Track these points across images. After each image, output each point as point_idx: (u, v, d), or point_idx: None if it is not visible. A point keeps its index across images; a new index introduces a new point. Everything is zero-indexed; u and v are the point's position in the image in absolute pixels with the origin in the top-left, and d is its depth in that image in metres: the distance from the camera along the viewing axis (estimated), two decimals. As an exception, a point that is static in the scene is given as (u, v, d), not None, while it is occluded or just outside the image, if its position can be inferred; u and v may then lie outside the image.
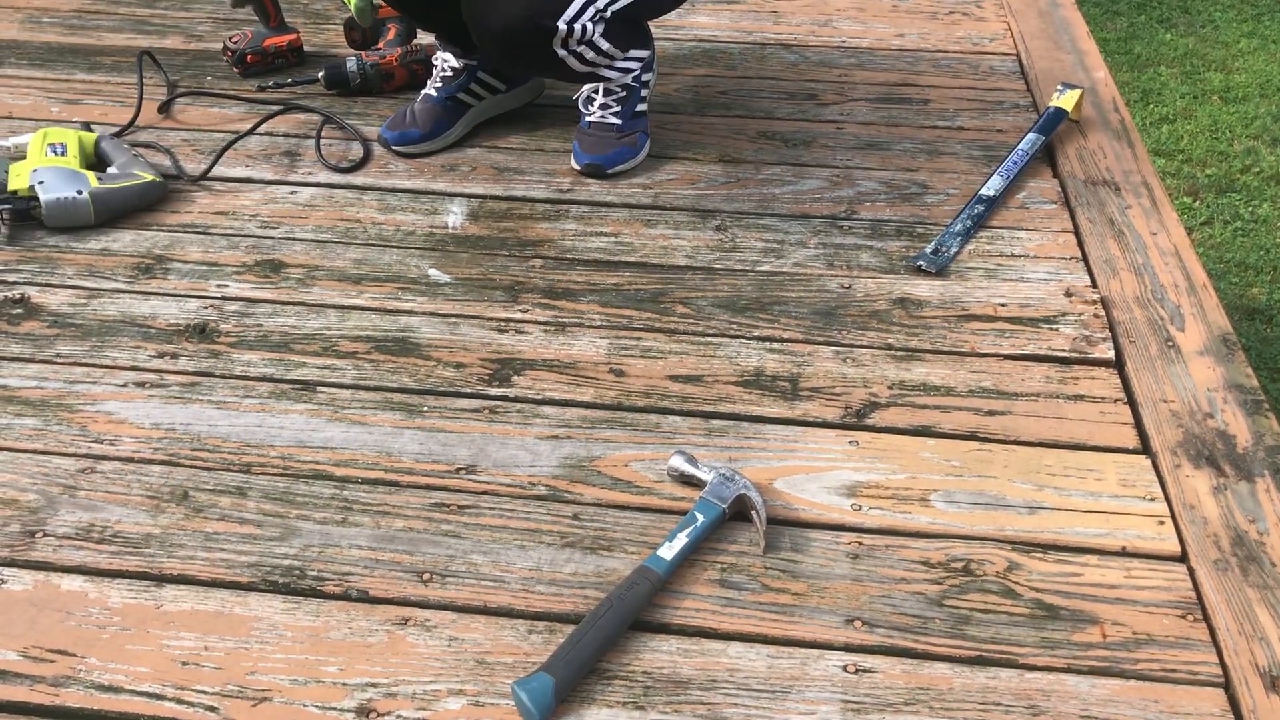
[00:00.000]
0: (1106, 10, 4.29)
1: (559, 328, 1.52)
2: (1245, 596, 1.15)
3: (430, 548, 1.21)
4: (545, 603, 1.15)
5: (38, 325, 1.52)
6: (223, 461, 1.31)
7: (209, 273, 1.62)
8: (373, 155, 1.90)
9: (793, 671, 1.08)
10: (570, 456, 1.32)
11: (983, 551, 1.21)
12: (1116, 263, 1.63)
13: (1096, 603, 1.15)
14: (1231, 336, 1.49)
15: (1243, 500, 1.26)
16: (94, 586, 1.16)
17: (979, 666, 1.09)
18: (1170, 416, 1.37)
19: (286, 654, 1.10)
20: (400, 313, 1.55)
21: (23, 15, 2.35)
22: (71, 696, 1.06)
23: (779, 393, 1.42)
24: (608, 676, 1.08)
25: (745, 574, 1.18)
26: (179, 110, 2.02)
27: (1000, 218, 1.74)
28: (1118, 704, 1.06)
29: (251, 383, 1.43)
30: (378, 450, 1.33)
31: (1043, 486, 1.29)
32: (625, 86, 1.85)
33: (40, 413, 1.38)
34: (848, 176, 1.85)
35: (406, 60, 2.06)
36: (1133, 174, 1.83)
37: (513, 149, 1.92)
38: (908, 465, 1.31)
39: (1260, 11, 4.27)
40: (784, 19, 2.38)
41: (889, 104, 2.06)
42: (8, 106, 2.03)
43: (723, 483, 1.23)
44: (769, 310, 1.55)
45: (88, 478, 1.29)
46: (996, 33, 2.32)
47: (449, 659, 1.09)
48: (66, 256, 1.65)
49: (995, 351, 1.48)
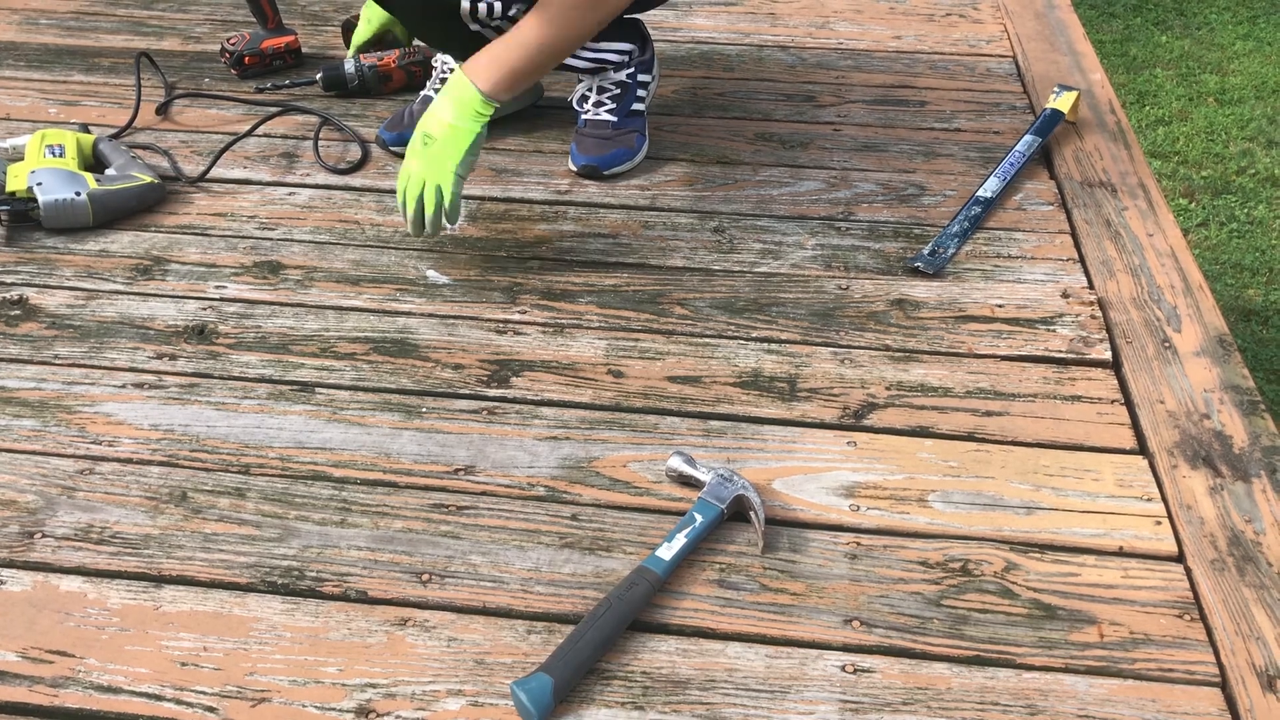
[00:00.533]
0: (1103, 12, 4.30)
1: (557, 329, 1.52)
2: (1242, 596, 1.15)
3: (429, 548, 1.21)
4: (544, 603, 1.15)
5: (36, 326, 1.52)
6: (221, 462, 1.31)
7: (207, 274, 1.62)
8: (371, 157, 1.90)
9: (791, 671, 1.09)
10: (569, 457, 1.33)
11: (980, 552, 1.21)
12: (1113, 264, 1.64)
13: (1094, 603, 1.16)
14: (1228, 337, 1.50)
15: (1239, 500, 1.26)
16: (93, 587, 1.16)
17: (977, 666, 1.10)
18: (1167, 417, 1.37)
19: (286, 655, 1.10)
20: (399, 314, 1.55)
21: (20, 17, 2.35)
22: (70, 697, 1.06)
23: (777, 394, 1.42)
24: (606, 676, 1.08)
25: (744, 574, 1.18)
26: (177, 112, 2.02)
27: (997, 219, 1.75)
28: (1115, 703, 1.06)
29: (250, 384, 1.43)
30: (376, 451, 1.33)
31: (1040, 487, 1.29)
32: (619, 84, 1.85)
33: (39, 414, 1.38)
34: (845, 178, 1.86)
35: (405, 62, 2.06)
36: (1129, 175, 1.84)
37: (510, 150, 1.92)
38: (905, 466, 1.32)
39: (1256, 14, 4.28)
40: (781, 21, 2.38)
41: (886, 106, 2.06)
42: (5, 108, 2.03)
43: (721, 483, 1.24)
44: (767, 311, 1.56)
45: (86, 479, 1.29)
46: (993, 35, 2.32)
47: (448, 659, 1.10)
48: (64, 258, 1.65)
49: (992, 352, 1.49)
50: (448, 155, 1.47)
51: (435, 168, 1.48)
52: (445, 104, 1.49)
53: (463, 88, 1.49)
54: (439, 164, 1.47)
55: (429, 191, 1.49)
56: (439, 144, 1.47)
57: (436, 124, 1.48)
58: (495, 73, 1.48)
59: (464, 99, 1.48)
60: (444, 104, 1.49)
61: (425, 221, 1.50)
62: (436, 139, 1.48)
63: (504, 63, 1.48)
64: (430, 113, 1.50)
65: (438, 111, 1.49)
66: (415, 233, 1.50)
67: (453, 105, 1.48)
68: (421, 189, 1.49)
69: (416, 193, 1.49)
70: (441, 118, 1.48)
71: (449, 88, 1.50)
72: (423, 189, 1.49)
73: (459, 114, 1.48)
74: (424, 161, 1.47)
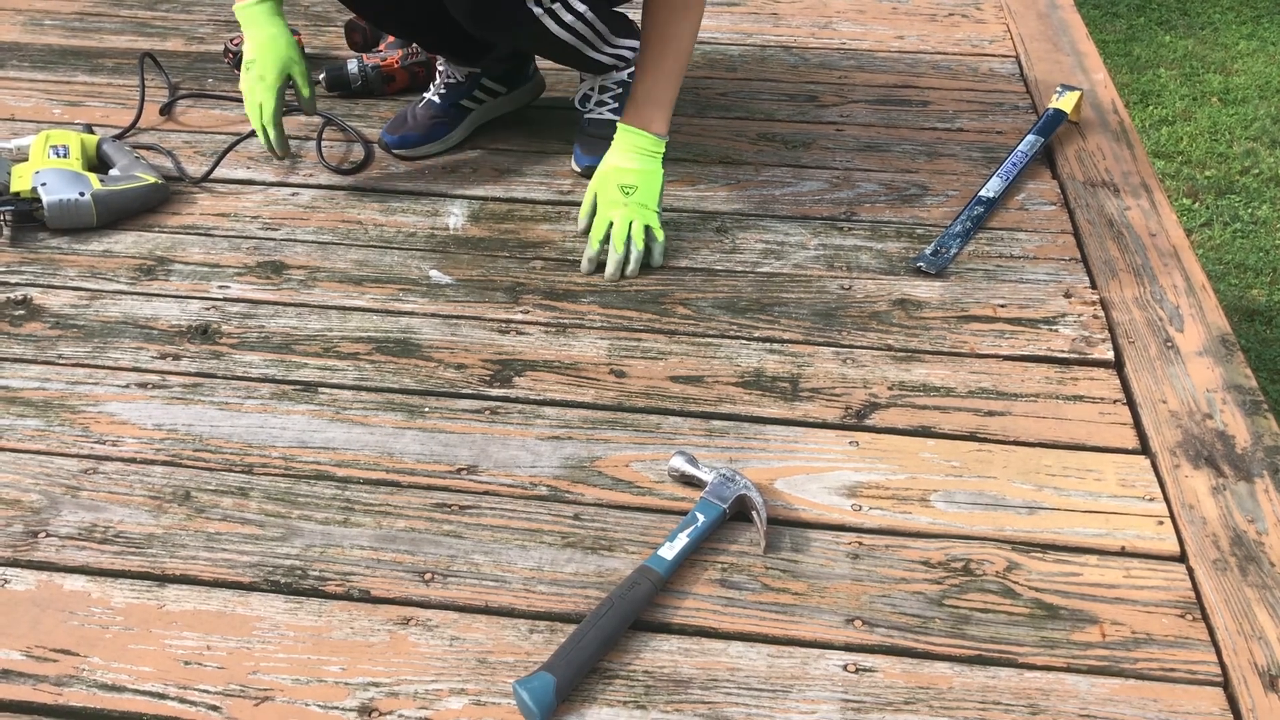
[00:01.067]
0: (1106, 12, 4.30)
1: (560, 329, 1.53)
2: (1244, 596, 1.15)
3: (432, 548, 1.21)
4: (546, 602, 1.16)
5: (40, 326, 1.53)
6: (225, 462, 1.32)
7: (211, 274, 1.63)
8: (374, 157, 1.90)
9: (793, 671, 1.09)
10: (571, 457, 1.33)
11: (982, 551, 1.21)
12: (1115, 264, 1.64)
13: (1096, 602, 1.16)
14: (1230, 337, 1.50)
15: (1242, 500, 1.26)
16: (97, 586, 1.17)
17: (979, 666, 1.10)
18: (1169, 417, 1.37)
19: (289, 653, 1.10)
20: (401, 314, 1.55)
21: (25, 18, 2.36)
22: (74, 696, 1.06)
23: (779, 393, 1.42)
24: (609, 676, 1.08)
25: (746, 574, 1.19)
26: (180, 112, 2.02)
27: (1000, 219, 1.75)
28: (1117, 703, 1.06)
29: (253, 384, 1.43)
30: (379, 451, 1.33)
31: (1042, 487, 1.29)
32: (621, 84, 1.86)
33: (43, 414, 1.38)
34: (847, 178, 1.86)
35: (408, 63, 2.07)
36: (1131, 175, 1.84)
37: (513, 151, 1.93)
38: (908, 466, 1.32)
39: (1259, 13, 4.28)
40: (784, 21, 2.38)
41: (889, 106, 2.06)
42: (10, 109, 2.03)
43: (723, 483, 1.24)
44: (769, 311, 1.56)
45: (90, 478, 1.29)
46: (996, 35, 2.32)
47: (450, 658, 1.10)
48: (68, 258, 1.66)
49: (995, 352, 1.49)
50: (650, 198, 1.63)
51: (642, 211, 1.62)
52: (627, 157, 1.64)
53: (637, 137, 1.64)
54: (645, 207, 1.62)
55: (637, 231, 1.61)
56: (640, 191, 1.62)
57: (629, 175, 1.62)
58: (660, 113, 1.64)
59: (644, 147, 1.63)
60: (625, 158, 1.64)
61: (632, 260, 1.60)
62: (636, 187, 1.61)
63: (662, 101, 1.64)
64: (612, 170, 1.64)
65: (622, 165, 1.63)
66: (617, 276, 1.60)
67: (636, 155, 1.63)
68: (629, 229, 1.60)
69: (625, 234, 1.60)
70: (630, 168, 1.63)
71: (623, 145, 1.65)
72: (629, 229, 1.60)
73: (645, 161, 1.63)
74: (631, 209, 1.61)
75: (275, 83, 1.70)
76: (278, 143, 1.75)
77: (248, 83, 1.72)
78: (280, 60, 1.70)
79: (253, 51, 1.70)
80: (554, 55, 1.80)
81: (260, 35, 1.69)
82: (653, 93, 1.64)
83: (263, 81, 1.70)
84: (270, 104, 1.71)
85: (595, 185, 1.66)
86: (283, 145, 1.76)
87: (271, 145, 1.76)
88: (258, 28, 1.70)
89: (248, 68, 1.71)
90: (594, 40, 1.75)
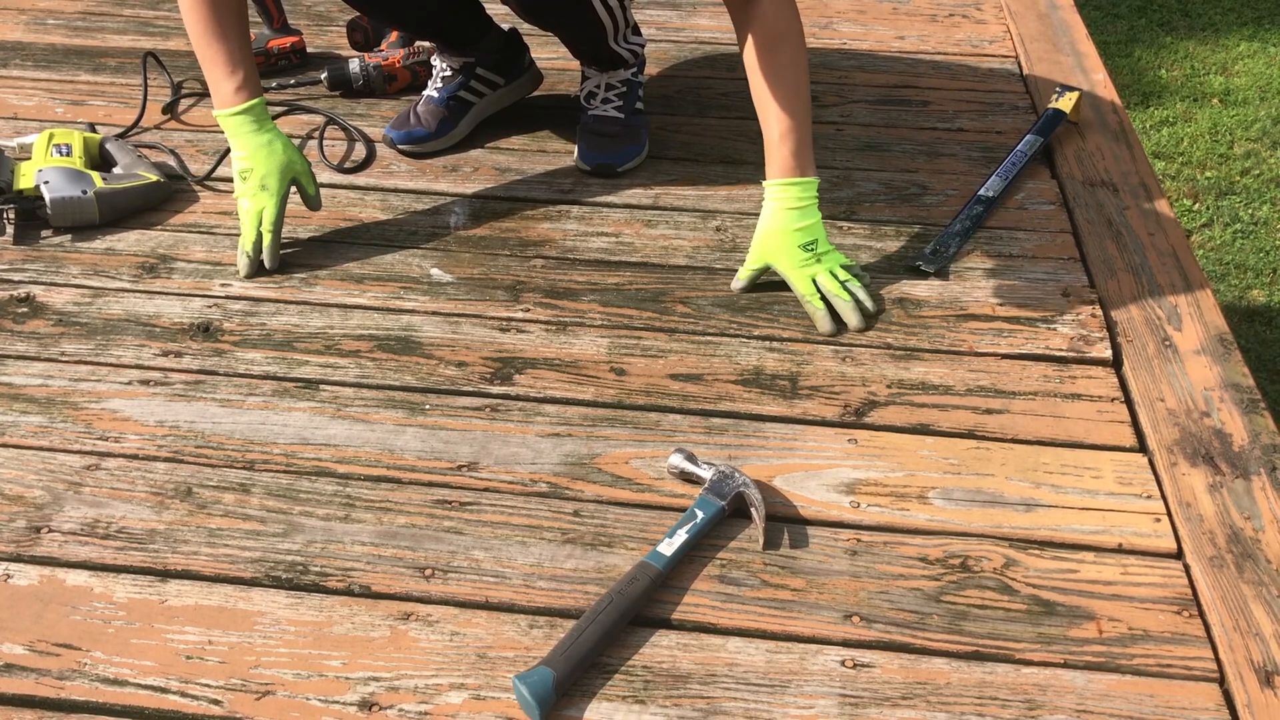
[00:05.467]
0: (1107, 13, 4.30)
1: (560, 327, 1.53)
2: (1240, 593, 1.16)
3: (432, 544, 1.22)
4: (546, 598, 1.16)
5: (43, 324, 1.53)
6: (226, 458, 1.32)
7: (213, 272, 1.63)
8: (375, 156, 1.91)
9: (791, 666, 1.09)
10: (571, 454, 1.33)
11: (980, 548, 1.22)
12: (1114, 263, 1.64)
13: (1093, 599, 1.16)
14: (1228, 336, 1.50)
15: (1238, 498, 1.27)
16: (99, 581, 1.17)
17: (976, 661, 1.10)
18: (1167, 415, 1.38)
19: (290, 648, 1.11)
20: (402, 312, 1.56)
21: (28, 17, 2.36)
22: (77, 690, 1.07)
23: (778, 391, 1.42)
24: (608, 671, 1.09)
25: (744, 570, 1.19)
26: (183, 111, 2.03)
27: (999, 218, 1.75)
28: (1113, 698, 1.07)
29: (255, 381, 1.44)
30: (380, 447, 1.34)
31: (1040, 484, 1.30)
32: (625, 82, 1.87)
33: (45, 410, 1.39)
34: (847, 177, 1.86)
35: (409, 62, 2.07)
36: (1130, 175, 1.84)
37: (514, 150, 1.93)
38: (906, 463, 1.32)
39: (1260, 15, 4.28)
40: (784, 21, 2.38)
41: (889, 105, 2.07)
42: (13, 107, 2.04)
43: (722, 480, 1.24)
44: (768, 309, 1.56)
45: (93, 474, 1.30)
46: (996, 35, 2.33)
47: (451, 653, 1.10)
48: (71, 256, 1.66)
49: (993, 351, 1.49)
50: (827, 244, 1.58)
51: (832, 259, 1.57)
52: (791, 217, 1.56)
53: (799, 189, 1.56)
54: (831, 253, 1.57)
55: (845, 277, 1.56)
56: (819, 242, 1.57)
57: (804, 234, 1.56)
58: (808, 155, 1.57)
59: (806, 196, 1.57)
60: (790, 218, 1.56)
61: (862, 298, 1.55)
62: (815, 240, 1.56)
63: (805, 143, 1.57)
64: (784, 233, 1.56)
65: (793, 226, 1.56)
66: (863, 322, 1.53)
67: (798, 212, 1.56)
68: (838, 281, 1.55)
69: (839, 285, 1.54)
70: (802, 226, 1.56)
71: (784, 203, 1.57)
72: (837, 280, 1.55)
73: (810, 209, 1.57)
74: (827, 261, 1.56)
75: (279, 190, 1.61)
76: (270, 251, 1.62)
77: (248, 191, 1.61)
78: (282, 167, 1.61)
79: (248, 160, 1.60)
80: (577, 35, 1.80)
81: (253, 142, 1.60)
82: (795, 138, 1.56)
83: (265, 190, 1.60)
84: (273, 210, 1.61)
85: (766, 255, 1.57)
86: (275, 257, 1.63)
87: (264, 255, 1.62)
88: (248, 135, 1.60)
89: (244, 176, 1.60)
90: (621, 28, 1.77)
